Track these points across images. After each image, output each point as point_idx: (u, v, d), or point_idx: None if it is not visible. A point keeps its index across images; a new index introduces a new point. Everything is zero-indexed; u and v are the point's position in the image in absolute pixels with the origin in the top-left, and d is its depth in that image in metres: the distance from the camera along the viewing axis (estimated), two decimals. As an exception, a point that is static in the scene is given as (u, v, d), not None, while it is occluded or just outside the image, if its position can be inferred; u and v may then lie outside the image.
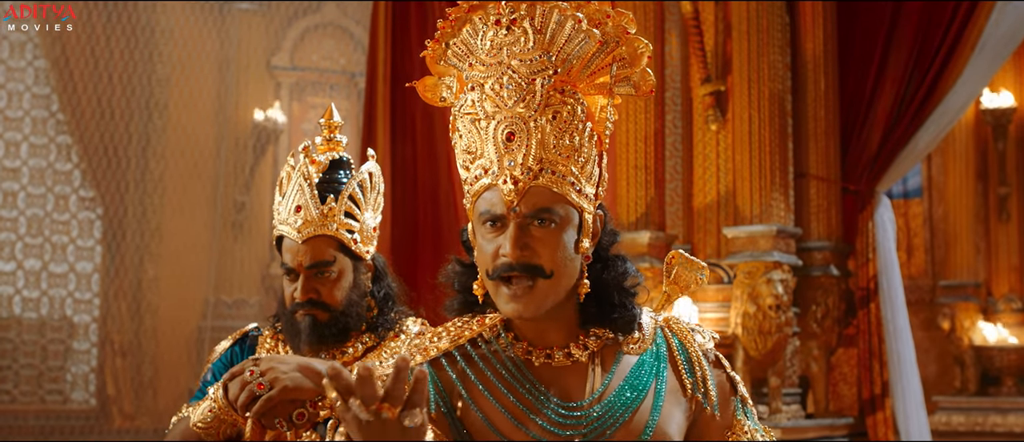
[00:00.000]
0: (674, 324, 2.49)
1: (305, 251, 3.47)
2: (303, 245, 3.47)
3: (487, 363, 2.37)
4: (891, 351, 7.33)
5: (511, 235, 2.26)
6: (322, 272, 3.48)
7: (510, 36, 2.30)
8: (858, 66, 7.57)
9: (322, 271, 3.47)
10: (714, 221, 7.44)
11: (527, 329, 2.38)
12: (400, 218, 8.26)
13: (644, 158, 7.18)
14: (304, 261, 3.46)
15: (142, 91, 12.08)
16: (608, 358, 2.38)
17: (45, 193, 11.94)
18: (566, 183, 2.29)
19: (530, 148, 2.27)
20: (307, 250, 3.47)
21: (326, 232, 3.50)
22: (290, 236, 3.48)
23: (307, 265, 3.46)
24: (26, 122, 11.91)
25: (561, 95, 2.29)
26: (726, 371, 2.50)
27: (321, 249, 3.49)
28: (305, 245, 3.47)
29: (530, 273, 2.26)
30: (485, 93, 2.31)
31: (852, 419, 7.39)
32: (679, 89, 7.70)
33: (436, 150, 8.17)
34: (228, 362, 3.63)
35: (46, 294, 11.92)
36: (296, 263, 3.46)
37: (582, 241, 2.33)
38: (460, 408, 2.35)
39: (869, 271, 7.43)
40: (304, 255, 3.47)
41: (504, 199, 2.27)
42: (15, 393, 11.65)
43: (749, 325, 6.79)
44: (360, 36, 12.69)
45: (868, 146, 7.48)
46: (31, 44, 11.90)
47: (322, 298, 3.48)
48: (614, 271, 2.40)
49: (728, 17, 7.39)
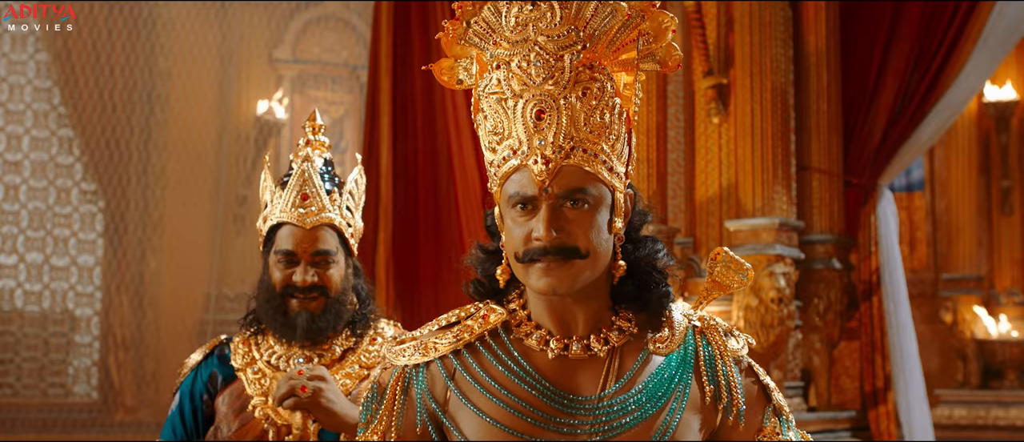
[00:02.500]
0: (707, 326, 2.40)
1: (311, 238, 3.54)
2: (309, 232, 3.54)
3: (484, 360, 2.32)
4: (893, 344, 7.33)
5: (544, 217, 2.19)
6: (326, 260, 3.54)
7: (536, 11, 2.23)
8: (861, 59, 7.55)
9: (326, 259, 3.54)
10: (716, 214, 7.43)
11: (553, 314, 2.31)
12: (402, 212, 8.26)
13: (646, 151, 7.17)
14: (310, 247, 3.53)
15: (144, 84, 12.08)
16: (630, 355, 2.31)
17: (47, 186, 11.94)
18: (598, 162, 2.22)
19: (561, 126, 2.20)
20: (313, 237, 3.54)
21: (332, 221, 3.57)
22: (295, 223, 3.53)
23: (312, 252, 3.53)
24: (28, 115, 11.91)
25: (590, 71, 2.22)
26: (759, 379, 2.40)
27: (326, 238, 3.56)
28: (311, 232, 3.54)
29: (565, 255, 2.20)
30: (511, 71, 2.24)
31: (854, 412, 7.38)
32: (681, 82, 7.70)
33: (438, 145, 8.17)
34: (197, 378, 3.68)
35: (48, 287, 11.93)
36: (300, 249, 3.51)
37: (615, 221, 2.27)
38: (449, 402, 2.32)
39: (871, 264, 7.42)
40: (310, 242, 3.53)
41: (535, 180, 2.20)
42: (17, 386, 11.66)
43: (751, 318, 6.79)
44: (362, 29, 12.68)
45: (870, 139, 7.47)
46: (33, 37, 11.90)
47: (322, 282, 3.54)
48: (646, 250, 2.34)
49: (730, 11, 7.38)
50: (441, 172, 8.16)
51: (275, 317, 3.57)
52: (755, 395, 2.38)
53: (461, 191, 7.84)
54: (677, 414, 2.24)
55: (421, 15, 8.26)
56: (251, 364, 3.63)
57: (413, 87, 8.29)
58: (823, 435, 7.11)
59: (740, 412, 2.31)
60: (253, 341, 3.69)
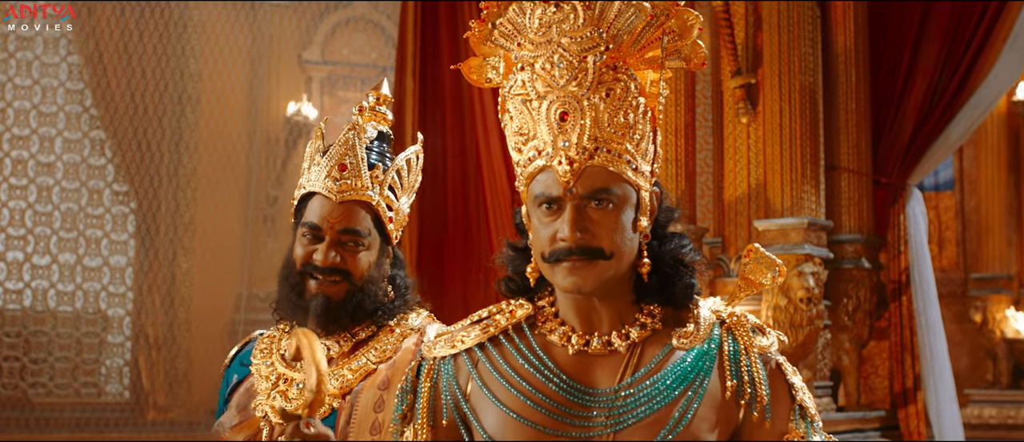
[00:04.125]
0: (735, 322, 2.39)
1: (341, 213, 3.16)
2: (340, 206, 3.16)
3: (507, 353, 2.35)
4: (923, 344, 7.31)
5: (568, 218, 2.21)
6: (354, 241, 3.17)
7: (559, 13, 2.25)
8: (889, 58, 7.54)
9: (355, 240, 3.18)
10: (745, 214, 7.42)
11: (578, 311, 2.33)
12: (429, 212, 8.28)
13: (675, 151, 7.17)
14: (336, 224, 3.16)
15: (174, 86, 12.14)
16: (652, 349, 2.31)
17: (79, 187, 12.01)
18: (622, 162, 2.24)
19: (585, 127, 2.22)
20: (343, 213, 3.17)
21: (368, 199, 3.19)
22: (326, 194, 3.16)
23: (339, 229, 3.16)
24: (60, 117, 11.99)
25: (614, 72, 2.24)
26: (785, 377, 2.38)
27: (358, 216, 3.19)
28: (342, 207, 3.17)
29: (589, 256, 2.21)
30: (535, 73, 2.26)
31: (884, 412, 7.37)
32: (709, 82, 7.70)
33: (465, 145, 8.18)
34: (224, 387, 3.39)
35: (80, 288, 12.00)
36: (327, 224, 3.15)
37: (640, 220, 2.28)
38: (471, 394, 2.35)
39: (900, 264, 7.40)
40: (338, 217, 3.16)
41: (560, 180, 2.22)
42: (50, 386, 11.74)
43: (780, 318, 6.78)
44: (391, 30, 12.72)
45: (899, 138, 7.46)
46: (65, 40, 11.98)
47: (346, 266, 3.16)
48: (671, 246, 2.35)
49: (758, 10, 7.37)
50: (469, 171, 8.18)
51: (289, 296, 3.21)
52: (782, 393, 2.36)
53: (489, 190, 7.85)
54: (692, 407, 2.24)
55: (449, 15, 8.29)
56: (266, 356, 3.29)
57: (441, 87, 8.31)
58: (852, 435, 7.09)
59: (765, 407, 2.29)
60: (276, 333, 3.36)
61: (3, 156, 11.79)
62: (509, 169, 7.50)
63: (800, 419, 2.35)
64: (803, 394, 2.38)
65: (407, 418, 2.44)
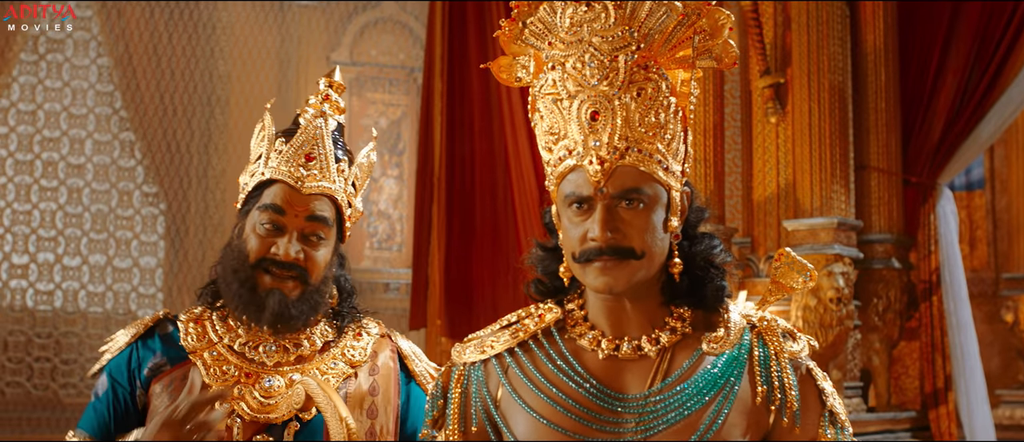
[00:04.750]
0: (766, 327, 2.37)
1: (305, 203, 2.98)
2: (306, 197, 2.99)
3: (536, 358, 2.34)
4: (954, 344, 7.28)
5: (599, 218, 2.21)
6: (317, 234, 2.99)
7: (590, 12, 2.25)
8: (919, 57, 7.51)
9: (321, 231, 2.99)
10: (774, 214, 7.40)
11: (609, 313, 2.33)
12: (458, 214, 8.29)
13: (703, 151, 7.16)
14: (303, 212, 2.97)
15: (203, 88, 12.17)
16: (682, 354, 2.30)
17: (109, 189, 12.06)
18: (653, 161, 2.23)
19: (615, 127, 2.21)
20: (309, 203, 2.99)
21: (333, 193, 3.03)
22: (291, 183, 2.97)
23: (307, 216, 2.97)
24: (90, 119, 12.03)
25: (645, 71, 2.23)
26: (816, 382, 2.35)
27: (325, 207, 3.02)
28: (309, 198, 2.99)
29: (621, 256, 2.20)
30: (566, 72, 2.25)
31: (915, 413, 7.34)
32: (738, 82, 7.69)
33: (494, 146, 8.18)
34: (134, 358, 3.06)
35: (111, 289, 12.04)
36: (293, 212, 2.96)
37: (670, 220, 2.27)
38: (501, 400, 2.35)
39: (931, 264, 7.37)
40: (305, 207, 2.98)
41: (590, 180, 2.21)
42: (81, 386, 11.77)
43: (810, 318, 6.76)
44: (419, 31, 12.72)
45: (930, 138, 7.43)
46: (94, 42, 12.03)
47: (305, 263, 2.97)
48: (702, 246, 2.34)
49: (787, 10, 7.35)
50: (498, 173, 8.18)
51: (240, 292, 2.97)
52: (813, 398, 2.34)
53: (517, 192, 7.85)
54: (723, 412, 2.23)
55: (477, 16, 8.29)
56: (209, 346, 3.02)
57: (469, 88, 8.32)
58: (883, 436, 7.07)
59: (795, 413, 2.28)
60: (208, 320, 3.09)
61: (34, 158, 11.84)
62: (538, 170, 7.50)
63: (830, 424, 2.33)
64: (833, 399, 2.36)
65: (438, 423, 2.43)
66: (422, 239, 8.67)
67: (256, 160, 3.10)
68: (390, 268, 12.43)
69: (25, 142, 11.81)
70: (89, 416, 3.04)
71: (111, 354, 3.11)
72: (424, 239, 8.62)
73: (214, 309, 3.11)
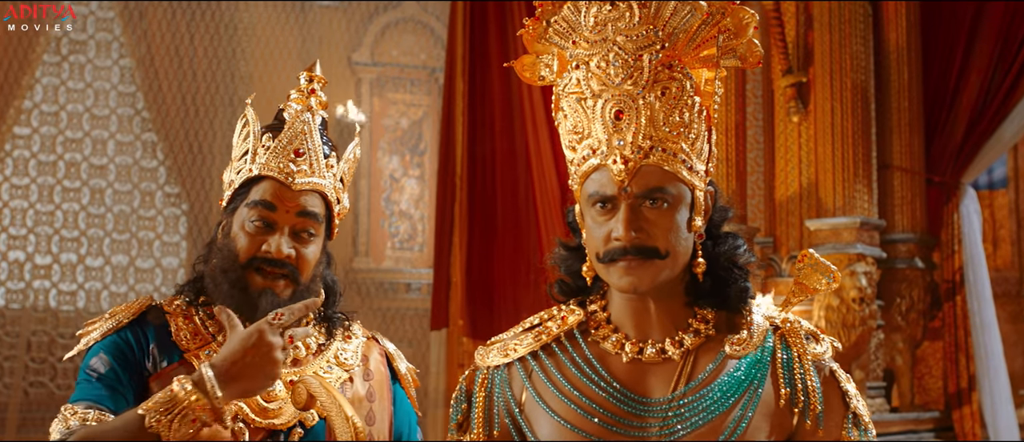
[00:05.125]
0: (789, 328, 2.36)
1: (296, 199, 2.90)
2: (298, 193, 2.91)
3: (560, 361, 2.33)
4: (978, 344, 7.25)
5: (623, 217, 2.19)
6: (310, 229, 2.91)
7: (615, 11, 2.23)
8: (942, 56, 7.48)
9: (312, 227, 2.91)
10: (796, 213, 7.39)
11: (632, 314, 2.32)
12: (479, 214, 8.28)
13: (725, 150, 7.14)
14: (294, 208, 2.88)
15: (225, 88, 12.19)
16: (706, 357, 2.29)
17: (131, 190, 12.09)
18: (677, 161, 2.22)
19: (640, 126, 2.20)
20: (299, 199, 2.91)
21: (323, 189, 2.97)
22: (281, 179, 2.90)
23: (298, 211, 2.89)
24: (112, 120, 12.07)
25: (669, 70, 2.22)
26: (839, 385, 2.34)
27: (314, 202, 2.94)
28: (300, 194, 2.91)
29: (645, 255, 2.19)
30: (590, 71, 2.23)
31: (938, 413, 7.31)
32: (760, 81, 7.66)
33: (515, 146, 8.17)
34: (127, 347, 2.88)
35: (133, 289, 12.07)
36: (283, 208, 2.87)
37: (694, 219, 2.26)
38: (525, 403, 2.34)
39: (954, 263, 7.35)
40: (297, 203, 2.90)
41: (614, 179, 2.21)
42: (103, 387, 11.83)
43: (832, 318, 6.74)
44: (440, 31, 12.73)
45: (953, 137, 7.40)
46: (116, 43, 12.07)
47: (296, 262, 2.88)
48: (725, 246, 2.33)
49: (809, 9, 7.34)
50: (519, 173, 8.17)
51: (231, 293, 2.85)
52: (836, 400, 2.32)
53: (539, 192, 7.83)
54: (747, 415, 2.22)
55: (498, 16, 8.28)
56: (204, 345, 2.91)
57: (491, 88, 8.31)
58: (906, 436, 7.05)
59: (818, 416, 2.26)
60: (197, 317, 2.97)
61: (57, 159, 11.88)
62: (559, 170, 7.49)
63: (854, 427, 2.32)
64: (857, 401, 2.35)
65: (462, 427, 2.43)
66: (443, 239, 8.67)
67: (242, 156, 3.02)
68: (411, 268, 12.43)
69: (48, 143, 11.86)
70: (88, 389, 2.80)
71: (99, 335, 2.91)
72: (445, 239, 8.62)
73: (198, 306, 2.98)
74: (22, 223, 11.73)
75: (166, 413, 2.51)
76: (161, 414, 2.51)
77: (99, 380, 2.80)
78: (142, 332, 2.92)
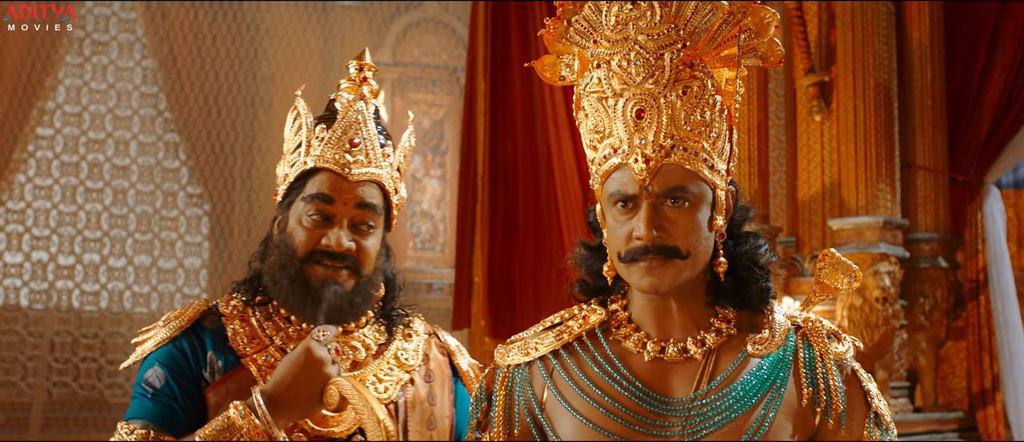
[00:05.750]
0: (811, 328, 2.36)
1: (353, 190, 2.83)
2: (355, 184, 2.83)
3: (582, 360, 2.33)
4: (1002, 344, 7.22)
5: (644, 216, 2.19)
6: (368, 221, 2.83)
7: (636, 10, 2.23)
8: (966, 55, 7.45)
9: (371, 219, 2.84)
10: (819, 213, 7.37)
11: (654, 313, 2.32)
12: (501, 213, 8.27)
13: (748, 149, 7.13)
14: (352, 200, 2.81)
15: (247, 89, 12.21)
16: (727, 357, 2.29)
17: (154, 190, 12.11)
18: (698, 160, 2.22)
19: (661, 125, 2.20)
20: (357, 190, 2.83)
21: (381, 179, 2.89)
22: (337, 171, 2.82)
23: (356, 203, 2.82)
24: (135, 121, 12.10)
25: (691, 69, 2.22)
26: (861, 384, 2.34)
27: (372, 193, 2.86)
28: (357, 185, 2.84)
29: (666, 255, 2.19)
30: (612, 70, 2.24)
31: (962, 413, 7.28)
32: (782, 80, 7.65)
33: (536, 146, 8.16)
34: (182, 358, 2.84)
35: (156, 289, 12.10)
36: (341, 200, 2.80)
37: (716, 219, 2.26)
38: (546, 402, 2.34)
39: (978, 263, 7.32)
40: (354, 194, 2.82)
41: (636, 178, 2.20)
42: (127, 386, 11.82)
43: (855, 318, 6.72)
44: (461, 31, 12.73)
45: (976, 136, 7.37)
46: (139, 44, 12.09)
47: (357, 254, 2.81)
48: (747, 246, 2.33)
49: (832, 8, 7.32)
50: (540, 172, 8.17)
51: (292, 288, 2.79)
52: (858, 400, 2.32)
53: (560, 191, 7.83)
54: (769, 415, 2.21)
55: (519, 16, 8.28)
56: (261, 349, 2.84)
57: (512, 88, 8.31)
58: (930, 436, 7.02)
59: (840, 415, 2.26)
60: (253, 318, 2.90)
61: (79, 160, 11.91)
62: (581, 170, 7.49)
63: (875, 426, 2.32)
64: (878, 401, 2.35)
65: (482, 425, 2.43)
66: (465, 239, 8.67)
67: (295, 149, 2.95)
68: (433, 268, 12.43)
69: (71, 144, 11.89)
70: (144, 406, 2.76)
71: (153, 345, 2.89)
72: (467, 239, 8.62)
73: (255, 306, 2.91)
74: (45, 224, 11.76)
75: (224, 437, 2.52)
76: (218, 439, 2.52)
77: (154, 397, 2.77)
78: (198, 339, 2.87)
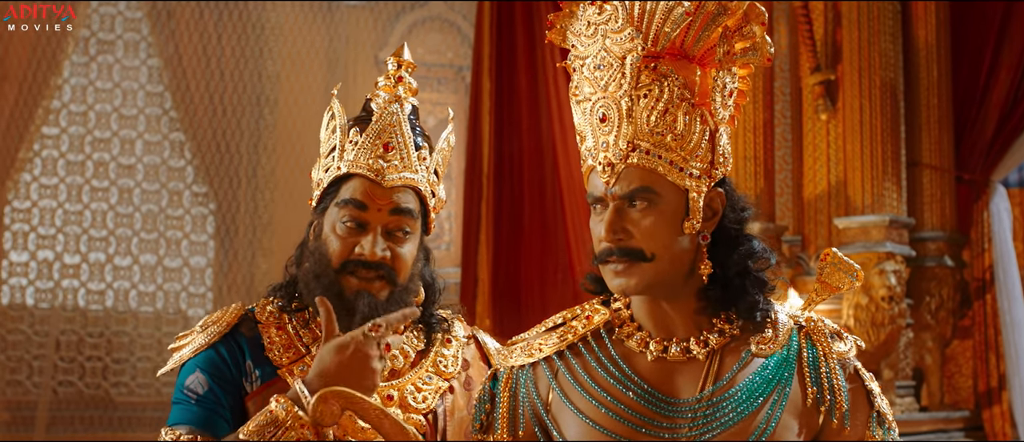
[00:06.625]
0: (813, 327, 2.36)
1: (388, 197, 2.74)
2: (389, 191, 2.74)
3: (586, 361, 2.33)
4: (1008, 343, 7.22)
5: (607, 219, 2.23)
6: (402, 228, 2.75)
7: (602, 15, 2.25)
8: (972, 53, 7.44)
9: (406, 225, 2.76)
10: (825, 212, 7.36)
11: (651, 315, 2.32)
12: (506, 212, 8.26)
13: (753, 148, 7.12)
14: (387, 207, 2.73)
15: (253, 88, 12.20)
16: (731, 357, 2.29)
17: (159, 189, 12.11)
18: (663, 162, 2.22)
19: (621, 129, 2.22)
20: (391, 196, 2.75)
21: (416, 184, 2.80)
22: (371, 177, 2.74)
23: (391, 209, 2.73)
24: (140, 120, 12.09)
25: (653, 72, 2.22)
26: (864, 383, 2.34)
27: (409, 199, 2.78)
28: (391, 191, 2.75)
29: (631, 257, 2.21)
30: (583, 75, 2.28)
31: (968, 412, 7.27)
32: (788, 79, 7.64)
33: (542, 144, 8.15)
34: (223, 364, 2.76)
35: (161, 288, 12.10)
36: (375, 207, 2.73)
37: (689, 221, 2.24)
38: (551, 403, 2.33)
39: (984, 262, 7.31)
40: (389, 201, 2.74)
41: (601, 180, 2.24)
42: (132, 386, 11.85)
43: (861, 317, 6.72)
44: (467, 30, 12.72)
45: (983, 134, 7.37)
46: (144, 43, 12.09)
47: (392, 263, 2.73)
48: (738, 252, 2.31)
49: (838, 7, 7.31)
50: (546, 171, 8.16)
51: (324, 294, 2.70)
52: (861, 399, 2.32)
53: (566, 189, 7.82)
54: (776, 415, 2.22)
55: (525, 15, 8.27)
56: (298, 359, 2.78)
57: (517, 86, 8.30)
58: (936, 435, 7.02)
59: (844, 415, 2.26)
60: (289, 325, 2.85)
61: (85, 158, 11.91)
62: (587, 168, 7.48)
63: (878, 425, 2.32)
64: (880, 400, 2.35)
65: (485, 428, 2.43)
66: (471, 238, 8.66)
67: (329, 153, 2.90)
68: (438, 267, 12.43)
69: (76, 143, 11.89)
70: (189, 411, 2.68)
71: (191, 351, 2.78)
72: (473, 238, 8.62)
73: (292, 312, 2.87)
74: (51, 223, 11.76)
75: (268, 435, 2.45)
76: (262, 437, 2.45)
77: (198, 403, 2.69)
78: (237, 346, 2.79)
